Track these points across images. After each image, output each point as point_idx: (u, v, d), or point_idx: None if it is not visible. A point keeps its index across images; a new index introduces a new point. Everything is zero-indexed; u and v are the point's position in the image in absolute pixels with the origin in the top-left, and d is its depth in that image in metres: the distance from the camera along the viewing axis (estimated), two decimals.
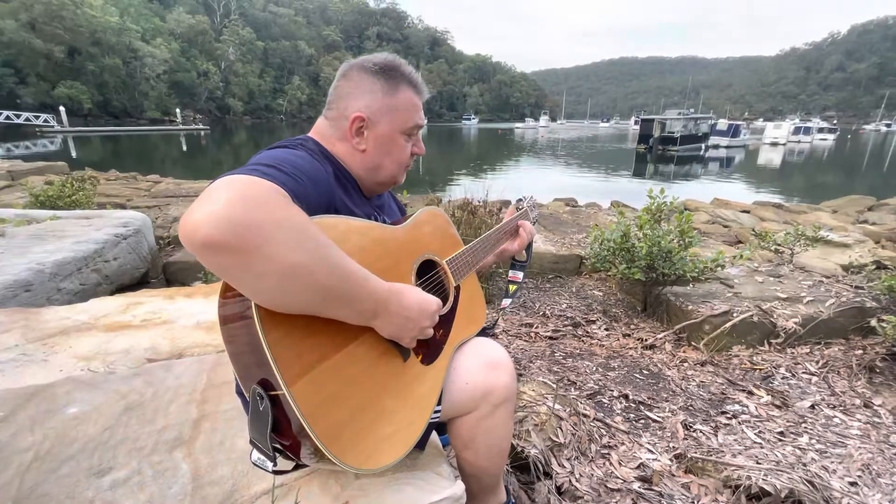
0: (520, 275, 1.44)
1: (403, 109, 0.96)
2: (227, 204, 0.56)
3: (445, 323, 1.01)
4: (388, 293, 0.76)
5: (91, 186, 5.04)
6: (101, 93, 57.92)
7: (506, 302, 1.42)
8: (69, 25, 51.77)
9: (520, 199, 1.51)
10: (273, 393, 0.66)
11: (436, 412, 0.94)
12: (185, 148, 34.55)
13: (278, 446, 0.72)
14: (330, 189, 0.84)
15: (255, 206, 0.58)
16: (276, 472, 0.78)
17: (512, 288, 1.43)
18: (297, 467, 0.84)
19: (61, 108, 43.29)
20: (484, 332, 1.21)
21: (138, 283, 3.18)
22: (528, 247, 1.44)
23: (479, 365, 1.00)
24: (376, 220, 0.98)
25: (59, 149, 27.54)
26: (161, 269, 3.49)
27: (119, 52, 59.32)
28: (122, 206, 7.25)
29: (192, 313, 1.92)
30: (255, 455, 0.75)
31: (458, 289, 1.10)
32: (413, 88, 0.98)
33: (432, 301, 0.85)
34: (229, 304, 0.68)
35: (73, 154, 24.99)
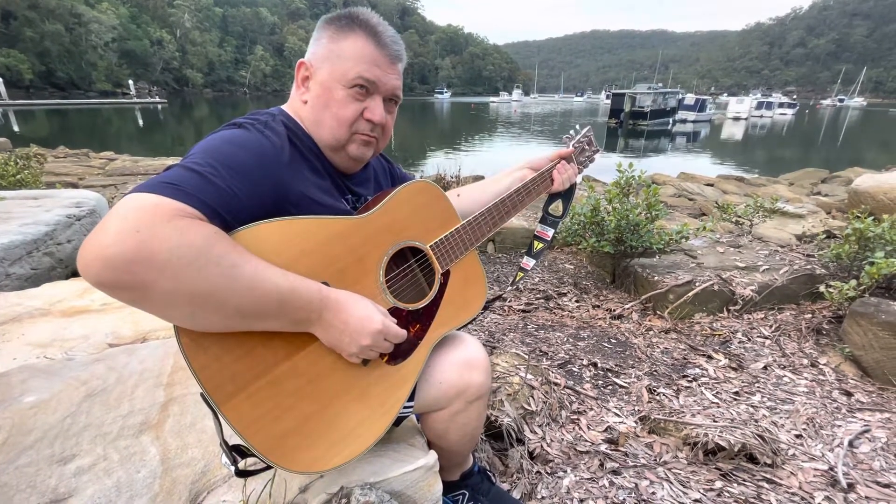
0: (550, 231, 1.24)
1: (347, 58, 0.83)
2: (117, 239, 0.53)
3: (424, 318, 0.93)
4: (321, 301, 0.71)
5: (38, 164, 4.73)
6: (42, 62, 53.54)
7: (528, 261, 1.24)
8: None
9: (568, 137, 1.28)
10: (212, 406, 0.67)
11: (407, 407, 0.93)
12: (140, 122, 32.70)
13: (238, 448, 0.73)
14: (278, 175, 0.75)
15: (149, 238, 0.54)
16: (239, 474, 0.78)
17: (538, 245, 1.24)
18: (268, 467, 0.82)
19: None
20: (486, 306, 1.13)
21: None
22: (567, 198, 1.25)
23: (454, 364, 0.97)
24: (349, 201, 0.91)
25: None
26: None
27: (60, 16, 54.72)
28: (74, 185, 6.84)
29: None
30: (223, 458, 0.76)
31: (446, 275, 0.98)
32: (371, 38, 0.84)
33: (376, 319, 0.76)
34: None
35: (15, 129, 23.26)
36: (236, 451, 0.76)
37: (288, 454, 0.71)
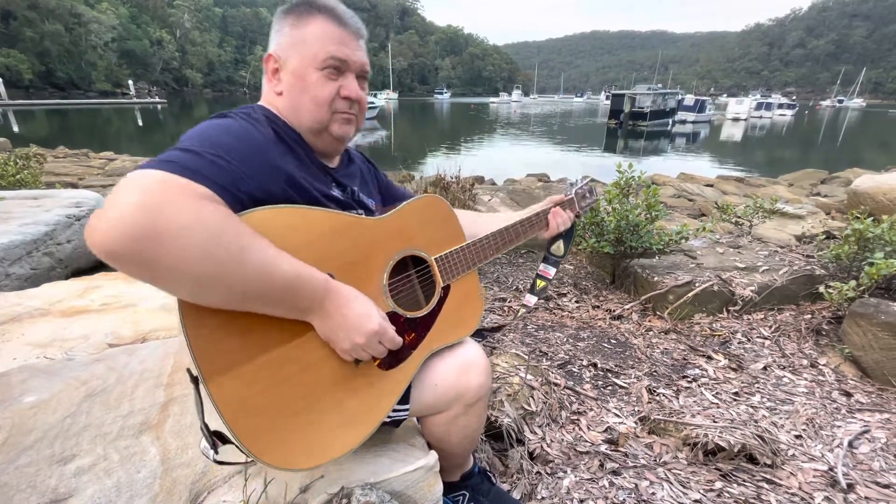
0: (552, 271, 1.31)
1: (314, 41, 0.84)
2: (127, 212, 0.54)
3: (420, 328, 0.93)
4: (325, 291, 0.71)
5: (37, 164, 4.73)
6: (42, 62, 53.55)
7: (530, 299, 1.30)
8: None
9: (571, 184, 1.40)
10: (198, 383, 0.66)
11: (401, 411, 0.93)
12: (140, 123, 32.77)
13: (220, 434, 0.71)
14: (272, 159, 0.76)
15: (157, 213, 0.55)
16: (218, 463, 0.76)
17: (540, 284, 1.30)
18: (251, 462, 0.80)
19: None
20: (479, 334, 1.15)
21: (96, 266, 3.03)
22: (567, 239, 1.33)
23: (451, 366, 0.96)
24: (333, 192, 0.91)
25: None
26: None
27: (60, 16, 54.74)
28: (74, 186, 6.85)
29: (155, 295, 1.85)
30: (203, 443, 0.74)
31: (446, 289, 0.99)
32: (332, 19, 0.85)
33: (374, 319, 0.76)
34: None
35: (15, 129, 23.28)
36: (217, 437, 0.73)
37: (267, 447, 0.69)
